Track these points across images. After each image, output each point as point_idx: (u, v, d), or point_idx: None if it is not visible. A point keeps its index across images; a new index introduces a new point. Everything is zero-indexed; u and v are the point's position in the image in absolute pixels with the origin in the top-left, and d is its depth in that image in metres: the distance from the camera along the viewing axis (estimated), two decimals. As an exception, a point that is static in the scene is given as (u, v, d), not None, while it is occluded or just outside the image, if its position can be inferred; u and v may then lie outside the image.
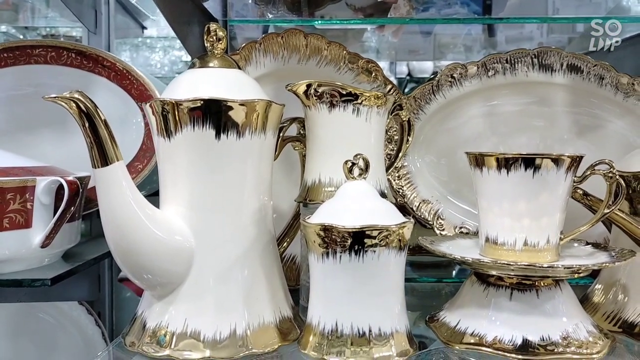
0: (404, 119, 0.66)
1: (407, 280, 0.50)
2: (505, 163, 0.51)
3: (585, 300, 0.61)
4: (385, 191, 0.60)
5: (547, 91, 0.76)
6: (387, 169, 0.66)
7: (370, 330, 0.47)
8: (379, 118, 0.59)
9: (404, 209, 0.74)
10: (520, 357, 0.47)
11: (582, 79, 0.74)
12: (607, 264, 0.49)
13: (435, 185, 0.75)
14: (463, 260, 0.50)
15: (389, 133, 0.73)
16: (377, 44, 1.74)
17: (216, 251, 0.50)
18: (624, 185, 0.51)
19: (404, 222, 0.48)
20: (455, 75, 0.73)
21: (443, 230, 0.72)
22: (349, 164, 0.51)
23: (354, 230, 0.46)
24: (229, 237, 0.50)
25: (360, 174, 0.51)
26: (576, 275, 0.50)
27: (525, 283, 0.51)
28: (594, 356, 0.48)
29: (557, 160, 0.50)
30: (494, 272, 0.51)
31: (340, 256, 0.47)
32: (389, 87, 0.75)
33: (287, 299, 0.54)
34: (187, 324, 0.48)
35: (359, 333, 0.47)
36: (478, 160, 0.53)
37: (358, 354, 0.46)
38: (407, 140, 0.67)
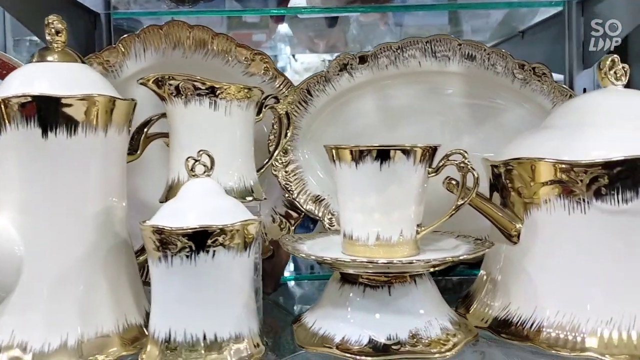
0: (281, 112, 0.63)
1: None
2: (357, 156, 0.48)
3: (468, 295, 0.59)
4: (253, 188, 0.57)
5: (442, 80, 0.74)
6: (265, 165, 0.64)
7: (204, 337, 0.44)
8: (242, 112, 0.56)
9: (293, 205, 0.72)
10: (364, 358, 0.45)
11: (478, 67, 0.72)
12: (452, 258, 0.47)
13: (325, 179, 0.73)
14: (307, 257, 0.48)
15: (276, 127, 0.70)
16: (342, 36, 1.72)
17: (48, 258, 0.47)
18: (477, 175, 0.49)
19: (245, 221, 0.46)
20: (345, 65, 0.71)
21: (333, 225, 0.70)
22: (191, 161, 0.48)
23: (184, 232, 0.44)
24: (63, 242, 0.47)
25: (204, 172, 0.48)
26: (432, 269, 0.49)
27: (380, 279, 0.48)
28: (444, 354, 0.46)
29: (407, 152, 0.48)
30: (349, 270, 0.49)
31: (172, 260, 0.44)
32: (280, 79, 0.73)
33: (138, 305, 0.51)
34: (14, 336, 0.45)
35: (192, 340, 0.44)
36: (334, 154, 0.51)
37: (191, 362, 0.44)
38: (286, 134, 0.64)
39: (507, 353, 0.48)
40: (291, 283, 0.80)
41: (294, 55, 1.35)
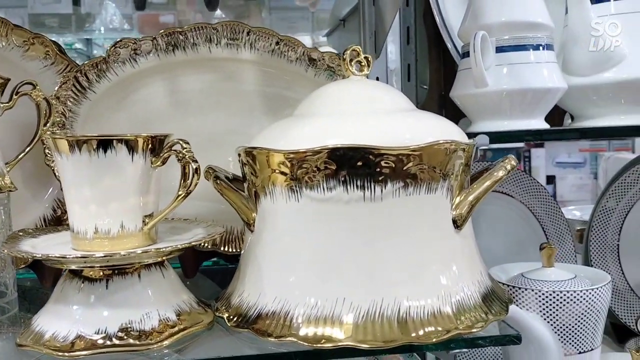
0: (38, 100, 0.60)
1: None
2: (73, 145, 0.47)
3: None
4: (-8, 180, 0.54)
5: (234, 68, 0.73)
6: (19, 156, 0.61)
7: None
8: (-29, 99, 0.53)
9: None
10: (69, 354, 0.44)
11: (270, 55, 0.72)
12: (155, 249, 0.47)
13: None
14: (16, 254, 0.46)
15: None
16: (255, 21, 1.68)
17: None
18: (195, 166, 0.49)
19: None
20: (125, 51, 0.69)
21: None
22: None
23: None
24: None
25: None
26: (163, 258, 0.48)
27: (101, 274, 0.47)
28: (159, 344, 0.46)
29: (123, 142, 0.47)
30: (71, 266, 0.48)
31: None
32: (63, 64, 0.70)
33: None
34: None
35: None
36: (54, 145, 0.49)
37: None
38: (46, 122, 0.61)
39: (228, 340, 0.49)
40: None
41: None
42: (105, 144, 0.47)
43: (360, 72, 0.56)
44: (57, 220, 0.68)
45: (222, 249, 0.71)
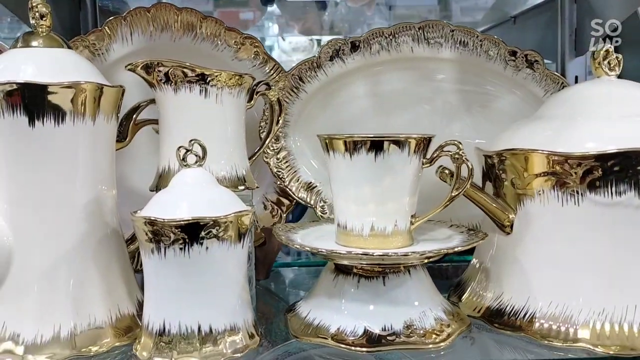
0: (273, 99, 0.62)
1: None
2: (351, 146, 0.48)
3: (460, 283, 0.59)
4: (245, 177, 0.57)
5: (434, 66, 0.73)
6: (257, 152, 0.63)
7: (199, 329, 0.44)
8: (232, 99, 0.55)
9: (284, 192, 0.71)
10: (359, 349, 0.45)
11: (470, 54, 0.71)
12: (447, 250, 0.47)
13: (317, 167, 0.72)
14: (301, 248, 0.48)
15: (267, 113, 0.69)
16: (330, 17, 1.69)
17: (38, 249, 0.46)
18: (471, 167, 0.49)
19: (239, 212, 0.45)
20: (336, 51, 0.70)
21: (326, 213, 0.69)
22: (182, 151, 0.47)
23: (178, 223, 0.43)
24: (53, 232, 0.46)
25: (196, 161, 0.48)
26: (426, 261, 0.49)
27: (374, 270, 0.48)
28: (438, 345, 0.46)
29: (402, 143, 0.48)
30: (344, 262, 0.49)
31: (165, 252, 0.43)
32: (271, 64, 0.72)
33: (130, 294, 0.51)
34: (6, 327, 0.45)
35: (187, 332, 0.44)
36: (327, 144, 0.50)
37: (187, 353, 0.43)
38: (278, 121, 0.63)
39: (500, 342, 0.48)
40: (280, 268, 0.80)
41: (282, 36, 1.33)
42: (381, 144, 0.47)
43: (612, 72, 0.54)
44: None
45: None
